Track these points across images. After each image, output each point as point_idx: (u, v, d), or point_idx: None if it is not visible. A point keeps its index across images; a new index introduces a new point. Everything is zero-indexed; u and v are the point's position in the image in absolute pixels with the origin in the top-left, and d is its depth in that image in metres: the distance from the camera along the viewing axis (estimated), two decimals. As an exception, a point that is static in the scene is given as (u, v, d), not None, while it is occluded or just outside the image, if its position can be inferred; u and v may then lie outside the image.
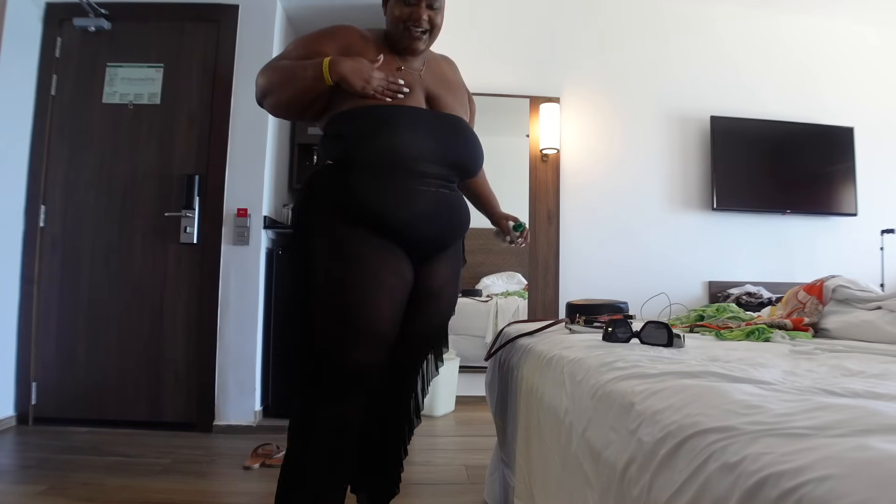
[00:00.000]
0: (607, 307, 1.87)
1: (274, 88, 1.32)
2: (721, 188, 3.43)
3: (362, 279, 1.25)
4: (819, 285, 1.55)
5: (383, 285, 1.27)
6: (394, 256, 1.29)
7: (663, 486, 0.59)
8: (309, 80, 1.27)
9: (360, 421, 1.33)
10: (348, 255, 1.26)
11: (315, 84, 1.27)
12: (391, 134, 1.26)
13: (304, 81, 1.27)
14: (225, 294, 2.80)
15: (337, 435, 1.28)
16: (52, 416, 2.71)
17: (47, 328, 2.77)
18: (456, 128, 1.39)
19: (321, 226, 1.29)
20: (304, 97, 1.30)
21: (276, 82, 1.32)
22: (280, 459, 2.24)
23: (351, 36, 1.37)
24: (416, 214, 1.29)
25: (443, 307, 1.46)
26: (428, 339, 1.50)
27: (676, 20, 3.56)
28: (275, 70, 1.33)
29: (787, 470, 0.45)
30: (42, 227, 2.80)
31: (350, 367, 1.26)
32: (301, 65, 1.29)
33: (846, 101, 3.62)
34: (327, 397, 1.27)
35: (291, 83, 1.29)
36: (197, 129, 2.87)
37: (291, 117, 1.50)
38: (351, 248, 1.26)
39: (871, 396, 0.66)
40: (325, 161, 1.40)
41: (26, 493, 1.89)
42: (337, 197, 1.29)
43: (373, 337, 1.27)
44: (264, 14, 2.94)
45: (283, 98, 1.32)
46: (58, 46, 2.86)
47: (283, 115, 1.44)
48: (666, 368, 0.82)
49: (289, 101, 1.33)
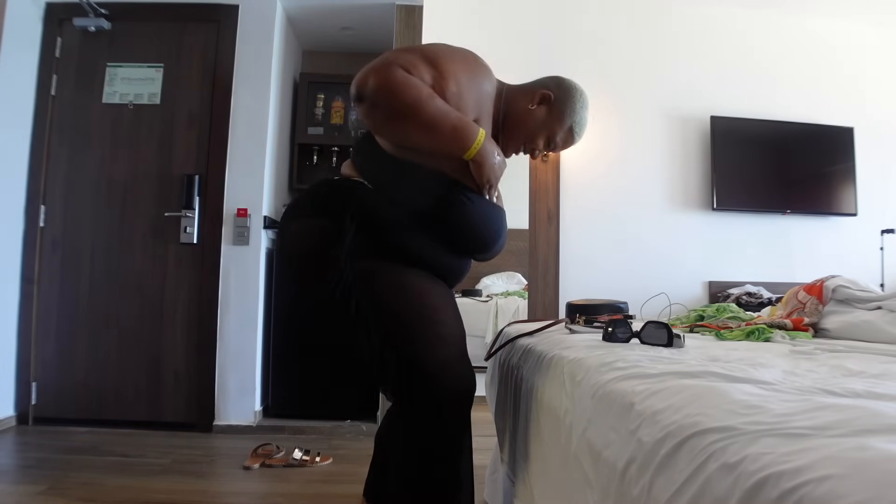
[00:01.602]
0: (607, 307, 1.86)
1: (407, 114, 1.10)
2: (721, 188, 3.43)
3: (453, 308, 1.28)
4: (819, 285, 1.55)
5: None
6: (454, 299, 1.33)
7: (663, 486, 0.59)
8: (446, 139, 1.12)
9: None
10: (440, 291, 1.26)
11: (451, 145, 1.13)
12: (494, 234, 1.26)
13: (443, 137, 1.12)
14: (225, 294, 2.80)
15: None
16: (51, 416, 2.71)
17: (47, 328, 2.77)
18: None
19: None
20: (422, 146, 1.16)
21: (412, 113, 1.09)
22: (280, 460, 2.26)
23: (492, 87, 1.27)
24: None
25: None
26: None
27: (676, 20, 3.56)
28: (428, 98, 1.09)
29: (787, 470, 0.45)
30: (42, 227, 2.80)
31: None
32: (452, 115, 1.11)
33: (846, 101, 3.62)
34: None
35: (433, 129, 1.11)
36: (197, 129, 2.87)
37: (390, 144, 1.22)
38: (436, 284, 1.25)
39: (872, 396, 0.66)
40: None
41: (26, 493, 1.89)
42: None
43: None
44: (264, 14, 2.94)
45: (408, 133, 1.15)
46: (58, 46, 2.86)
47: (387, 138, 1.21)
48: (666, 368, 0.82)
49: (404, 139, 1.17)
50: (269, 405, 2.95)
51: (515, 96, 1.33)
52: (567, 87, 1.35)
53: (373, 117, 1.14)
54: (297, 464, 2.25)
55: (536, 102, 1.31)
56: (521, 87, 1.36)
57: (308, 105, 3.51)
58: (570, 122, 1.35)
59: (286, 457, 2.27)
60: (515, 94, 1.33)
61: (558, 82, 1.36)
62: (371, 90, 1.08)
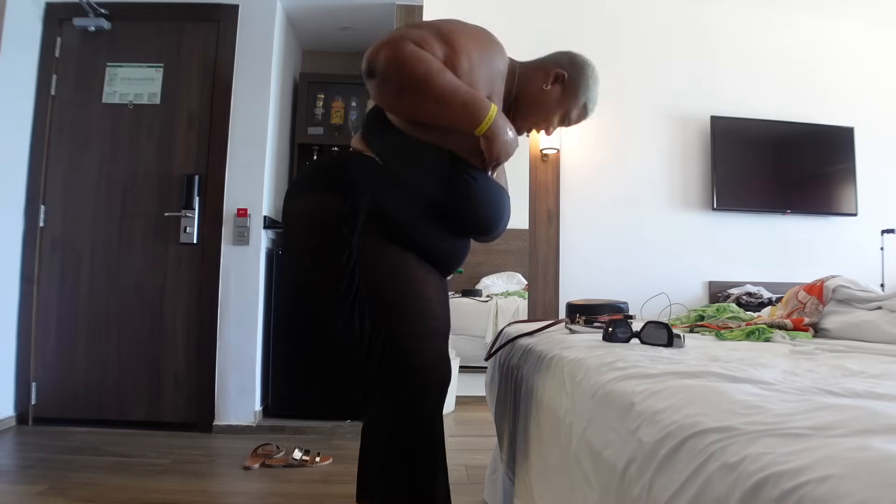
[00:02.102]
0: (607, 307, 1.86)
1: (420, 89, 1.07)
2: (721, 188, 3.43)
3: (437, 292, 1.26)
4: (819, 285, 1.55)
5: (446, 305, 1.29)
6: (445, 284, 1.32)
7: (663, 486, 0.59)
8: (458, 115, 1.10)
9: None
10: (420, 273, 1.23)
11: (462, 121, 1.11)
12: (500, 212, 1.24)
13: (453, 112, 1.09)
14: (225, 294, 2.80)
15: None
16: (52, 416, 2.71)
17: (47, 328, 2.77)
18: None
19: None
20: (433, 122, 1.14)
21: (430, 90, 1.07)
22: (280, 460, 2.26)
23: (504, 65, 1.25)
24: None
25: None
26: None
27: (677, 20, 3.56)
28: (439, 72, 1.07)
29: (787, 470, 0.45)
30: (42, 227, 2.80)
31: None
32: (463, 90, 1.09)
33: (846, 101, 3.62)
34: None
35: (443, 104, 1.08)
36: (197, 129, 2.87)
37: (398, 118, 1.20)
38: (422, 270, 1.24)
39: (872, 396, 0.66)
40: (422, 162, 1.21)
41: (26, 493, 1.89)
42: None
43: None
44: (264, 14, 2.94)
45: (420, 109, 1.12)
46: (58, 46, 2.86)
47: (398, 114, 1.19)
48: (666, 368, 0.82)
49: (416, 113, 1.14)
50: (269, 405, 2.95)
51: (529, 75, 1.32)
52: (580, 63, 1.35)
53: (383, 92, 1.11)
54: (297, 464, 2.25)
55: (551, 82, 1.31)
56: (533, 66, 1.35)
57: (308, 105, 3.51)
58: (584, 99, 1.35)
59: (286, 457, 2.27)
60: (529, 73, 1.33)
61: (571, 59, 1.35)
62: (382, 65, 1.06)
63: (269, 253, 2.99)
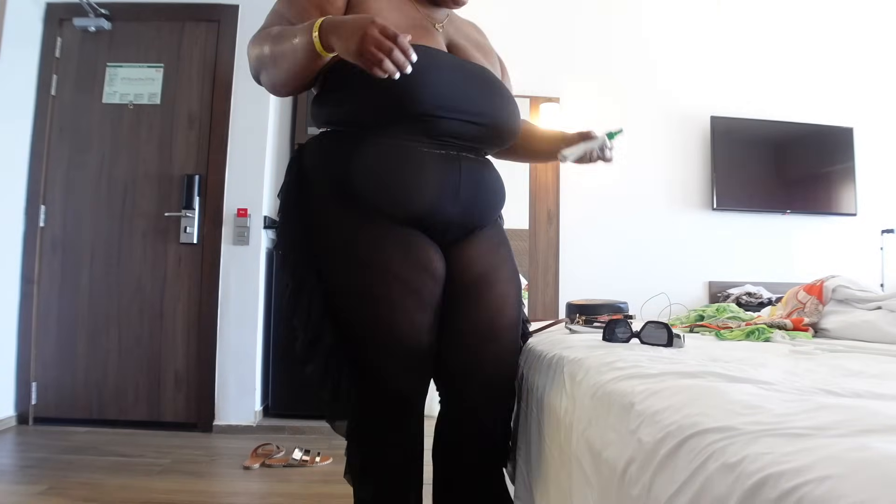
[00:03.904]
0: (607, 307, 1.87)
1: (265, 64, 1.03)
2: (721, 188, 3.43)
3: (384, 288, 1.03)
4: (819, 285, 1.55)
5: (410, 288, 1.04)
6: (418, 246, 1.06)
7: (663, 486, 0.59)
8: (300, 54, 0.95)
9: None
10: (363, 256, 1.04)
11: (308, 60, 0.96)
12: (405, 78, 0.89)
13: (295, 55, 0.96)
14: (225, 294, 2.80)
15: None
16: (52, 416, 2.71)
17: (47, 328, 2.77)
18: (487, 81, 1.13)
19: (321, 219, 1.07)
20: (303, 75, 1.01)
21: (267, 57, 1.01)
22: (280, 459, 2.26)
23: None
24: (439, 187, 1.05)
25: (496, 303, 1.15)
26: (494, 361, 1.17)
27: (676, 20, 3.56)
28: (264, 39, 1.02)
29: (786, 470, 0.45)
30: (42, 227, 2.80)
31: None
32: (289, 32, 0.98)
33: (846, 101, 3.62)
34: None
35: (282, 58, 0.99)
36: (197, 129, 2.87)
37: (298, 93, 1.12)
38: (365, 248, 1.04)
39: (871, 396, 0.66)
40: (319, 129, 1.13)
41: (26, 493, 1.89)
42: (336, 176, 1.05)
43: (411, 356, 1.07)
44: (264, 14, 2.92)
45: (279, 78, 1.04)
46: (58, 46, 2.86)
47: (287, 94, 1.12)
48: (666, 368, 0.82)
49: (285, 82, 1.04)
50: (269, 405, 2.95)
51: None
52: None
53: (269, 90, 1.10)
54: (297, 464, 2.25)
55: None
56: None
57: (308, 105, 3.51)
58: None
59: (286, 457, 2.28)
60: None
61: None
62: (252, 74, 1.10)
63: (269, 253, 2.99)
